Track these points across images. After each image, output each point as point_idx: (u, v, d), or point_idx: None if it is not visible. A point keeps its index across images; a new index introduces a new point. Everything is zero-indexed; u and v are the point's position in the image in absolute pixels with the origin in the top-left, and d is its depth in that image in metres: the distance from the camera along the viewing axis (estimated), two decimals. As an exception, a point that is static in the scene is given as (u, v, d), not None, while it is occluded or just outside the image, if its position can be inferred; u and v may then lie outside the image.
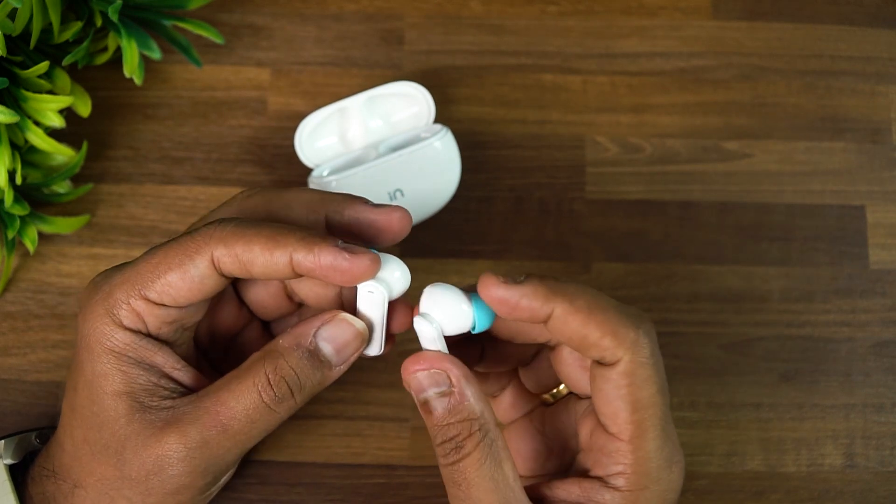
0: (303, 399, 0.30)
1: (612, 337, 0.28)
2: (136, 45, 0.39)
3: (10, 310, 0.41)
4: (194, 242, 0.29)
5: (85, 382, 0.30)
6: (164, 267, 0.29)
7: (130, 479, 0.30)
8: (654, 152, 0.44)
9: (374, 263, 0.28)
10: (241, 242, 0.28)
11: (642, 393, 0.29)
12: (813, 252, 0.43)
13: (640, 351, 0.28)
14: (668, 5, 0.46)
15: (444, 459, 0.29)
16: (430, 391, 0.29)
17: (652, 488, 0.29)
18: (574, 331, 0.28)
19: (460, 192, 0.42)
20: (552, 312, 0.28)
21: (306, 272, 0.28)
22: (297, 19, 0.45)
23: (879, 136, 0.44)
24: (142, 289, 0.29)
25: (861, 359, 0.42)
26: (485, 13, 0.45)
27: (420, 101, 0.41)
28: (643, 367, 0.29)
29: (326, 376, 0.30)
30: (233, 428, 0.29)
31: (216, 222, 0.29)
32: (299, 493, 0.39)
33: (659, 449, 0.29)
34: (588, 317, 0.28)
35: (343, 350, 0.30)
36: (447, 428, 0.29)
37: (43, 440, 0.35)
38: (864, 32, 0.46)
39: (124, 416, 0.30)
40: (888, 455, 0.40)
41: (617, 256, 0.42)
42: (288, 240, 0.28)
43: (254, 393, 0.29)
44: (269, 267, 0.28)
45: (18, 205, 0.38)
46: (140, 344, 0.30)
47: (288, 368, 0.29)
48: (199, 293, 0.29)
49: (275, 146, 0.43)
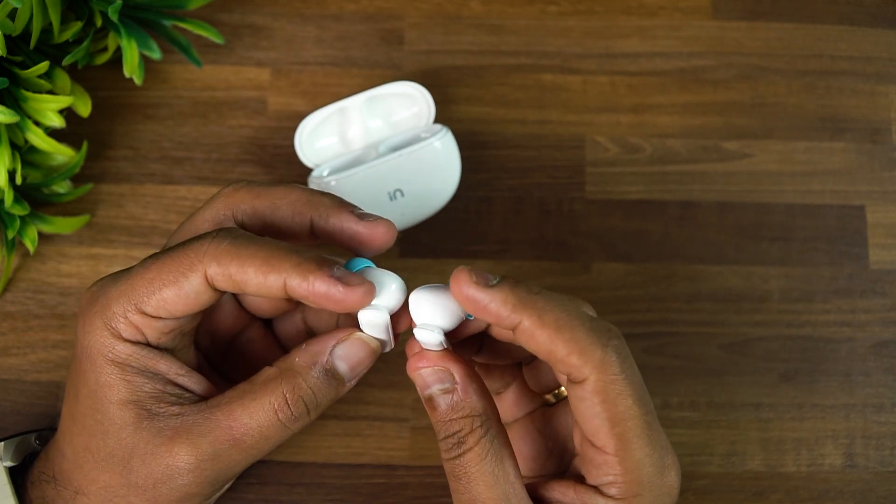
0: (317, 415, 0.30)
1: (578, 355, 0.28)
2: (136, 45, 0.39)
3: (10, 310, 0.41)
4: (188, 259, 0.29)
5: (88, 392, 0.30)
6: (158, 283, 0.29)
7: (137, 486, 0.30)
8: (654, 152, 0.44)
9: (368, 294, 0.28)
10: (236, 263, 0.28)
11: (618, 408, 0.28)
12: (813, 252, 0.43)
13: (609, 368, 0.28)
14: (668, 5, 0.46)
15: (446, 454, 0.29)
16: (433, 388, 0.29)
17: (646, 495, 0.29)
18: (541, 345, 0.28)
19: (460, 192, 0.42)
20: (519, 323, 0.28)
21: (300, 298, 0.28)
22: (297, 19, 0.45)
23: (879, 136, 0.44)
24: (138, 303, 0.29)
25: (861, 359, 0.42)
26: (485, 13, 0.45)
27: (420, 101, 0.41)
28: (614, 384, 0.28)
29: (339, 392, 0.31)
30: (246, 443, 0.29)
31: (211, 235, 0.29)
32: (299, 493, 0.39)
33: (647, 457, 0.29)
34: (555, 333, 0.28)
35: (357, 367, 0.31)
36: (450, 424, 0.29)
37: (42, 442, 0.35)
38: (864, 32, 0.46)
39: (132, 425, 0.29)
40: (888, 455, 0.40)
41: (617, 256, 0.42)
42: (283, 265, 0.28)
43: (269, 411, 0.29)
44: (262, 289, 0.28)
45: (18, 205, 0.38)
46: (142, 353, 0.30)
47: (306, 388, 0.29)
48: (196, 306, 0.29)
49: (275, 146, 0.43)
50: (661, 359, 0.41)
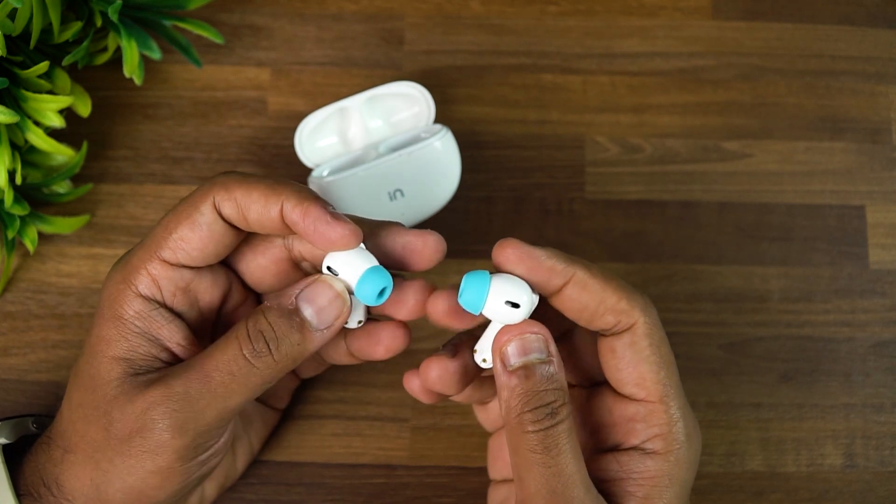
0: (281, 357, 0.30)
1: (627, 300, 0.30)
2: (136, 45, 0.39)
3: (10, 310, 0.41)
4: (199, 192, 0.31)
5: (89, 346, 0.31)
6: (174, 223, 0.31)
7: (116, 439, 0.30)
8: (654, 152, 0.44)
9: (355, 235, 0.29)
10: (242, 188, 0.30)
11: (662, 351, 0.30)
12: (813, 252, 0.43)
13: (652, 314, 0.30)
14: (668, 5, 0.46)
15: (533, 426, 0.29)
16: (531, 356, 0.29)
17: (686, 446, 0.30)
18: (593, 295, 0.29)
19: (460, 192, 0.42)
20: (572, 277, 0.29)
21: (292, 224, 0.29)
22: (297, 19, 0.45)
23: (879, 136, 0.44)
24: (157, 250, 0.31)
25: (861, 359, 0.42)
26: (485, 13, 0.45)
27: (420, 101, 0.41)
28: (657, 328, 0.30)
29: (307, 338, 0.30)
30: (214, 379, 0.29)
31: (222, 172, 0.31)
32: (299, 493, 0.39)
33: (684, 407, 0.30)
34: (606, 283, 0.30)
35: (324, 313, 0.30)
36: (544, 394, 0.29)
37: (40, 426, 0.35)
38: (864, 32, 0.46)
39: (116, 380, 0.30)
40: (888, 455, 0.40)
41: (617, 256, 0.42)
42: (284, 190, 0.29)
43: (234, 345, 0.30)
44: (262, 215, 0.30)
45: (18, 205, 0.38)
46: (150, 314, 0.31)
47: (265, 323, 0.30)
48: (210, 242, 0.30)
49: (275, 146, 0.43)
50: (661, 359, 0.41)
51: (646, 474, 0.30)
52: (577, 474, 0.29)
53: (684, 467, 0.30)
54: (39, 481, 0.31)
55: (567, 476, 0.29)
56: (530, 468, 0.29)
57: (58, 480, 0.31)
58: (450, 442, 0.40)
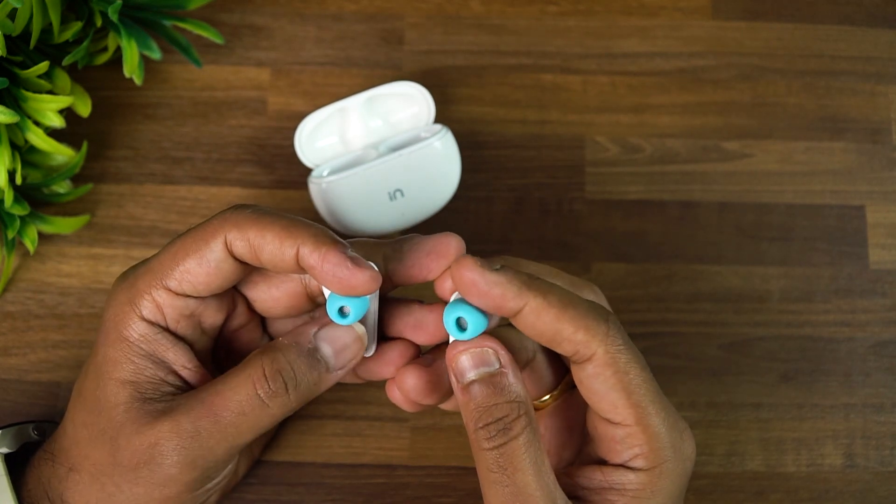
0: (297, 397, 0.30)
1: (584, 331, 0.28)
2: (136, 45, 0.39)
3: (10, 310, 0.41)
4: (210, 226, 0.30)
5: (95, 367, 0.31)
6: (182, 254, 0.30)
7: (122, 466, 0.30)
8: (654, 152, 0.44)
9: (374, 281, 0.28)
10: (256, 228, 0.29)
11: (629, 376, 0.29)
12: (813, 252, 0.43)
13: (614, 341, 0.29)
14: (668, 5, 0.46)
15: (488, 443, 0.28)
16: (480, 369, 0.29)
17: (670, 461, 0.29)
18: (547, 326, 0.28)
19: (460, 192, 0.42)
20: (524, 306, 0.28)
21: (309, 269, 0.29)
22: (297, 19, 0.45)
23: (879, 136, 0.44)
24: (163, 278, 0.30)
25: (861, 359, 0.42)
26: (485, 13, 0.45)
27: (420, 101, 0.41)
28: (621, 354, 0.29)
29: (323, 378, 0.30)
30: (224, 419, 0.29)
31: (234, 207, 0.30)
32: (299, 493, 0.39)
33: (664, 421, 0.29)
34: (561, 312, 0.28)
35: (342, 353, 0.30)
36: (494, 409, 0.28)
37: (41, 433, 0.35)
38: (864, 32, 0.46)
39: (123, 404, 0.30)
40: (888, 455, 0.40)
41: (617, 256, 0.42)
42: (300, 233, 0.29)
43: (249, 385, 0.29)
44: (276, 256, 0.29)
45: (18, 205, 0.38)
46: (155, 337, 0.30)
47: (285, 362, 0.29)
48: (216, 278, 0.30)
49: (275, 146, 0.43)
50: (661, 359, 0.41)
51: (629, 486, 0.29)
52: (538, 491, 0.28)
53: (670, 479, 0.29)
54: (44, 495, 0.31)
55: (526, 495, 0.28)
56: (490, 487, 0.28)
57: (63, 497, 0.31)
58: (450, 442, 0.40)
